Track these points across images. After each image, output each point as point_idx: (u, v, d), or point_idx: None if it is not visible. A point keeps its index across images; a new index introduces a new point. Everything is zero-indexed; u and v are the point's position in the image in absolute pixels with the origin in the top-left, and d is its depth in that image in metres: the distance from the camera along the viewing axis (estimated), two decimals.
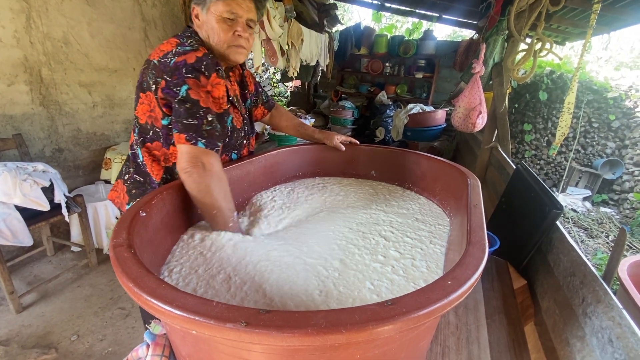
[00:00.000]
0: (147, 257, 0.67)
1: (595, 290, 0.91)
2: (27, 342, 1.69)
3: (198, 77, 0.83)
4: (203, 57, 0.84)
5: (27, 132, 2.15)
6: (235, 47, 0.95)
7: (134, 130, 1.00)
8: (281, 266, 0.77)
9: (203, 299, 0.44)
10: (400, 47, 5.00)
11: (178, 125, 0.84)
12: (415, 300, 0.45)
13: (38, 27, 2.13)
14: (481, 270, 0.54)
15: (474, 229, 0.71)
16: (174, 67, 0.83)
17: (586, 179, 4.10)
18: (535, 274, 1.32)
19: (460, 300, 0.48)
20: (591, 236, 3.23)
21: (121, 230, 0.63)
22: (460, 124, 2.37)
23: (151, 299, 0.44)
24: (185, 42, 0.89)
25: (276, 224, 1.03)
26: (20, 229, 1.81)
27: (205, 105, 0.84)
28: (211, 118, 0.85)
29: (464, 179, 1.06)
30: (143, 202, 0.75)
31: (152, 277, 0.48)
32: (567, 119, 1.66)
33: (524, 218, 1.50)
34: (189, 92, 0.83)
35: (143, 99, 0.93)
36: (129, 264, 0.52)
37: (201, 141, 0.83)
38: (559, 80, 4.06)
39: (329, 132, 1.41)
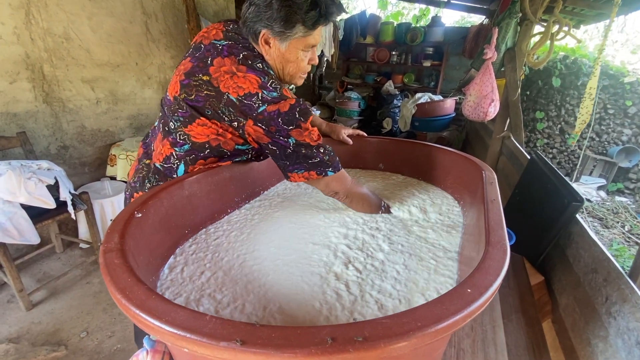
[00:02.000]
0: (143, 261, 0.65)
1: (620, 289, 0.86)
2: (37, 340, 1.70)
3: (299, 125, 0.86)
4: (296, 104, 0.86)
5: (32, 129, 2.14)
6: (304, 75, 1.00)
7: (177, 145, 0.93)
8: (284, 270, 0.74)
9: (196, 312, 0.41)
10: (407, 34, 4.87)
11: (304, 165, 0.90)
12: (432, 312, 0.41)
13: (38, 23, 2.10)
14: (503, 274, 0.50)
15: (493, 227, 0.66)
16: (268, 117, 0.84)
17: (601, 168, 3.97)
18: (553, 269, 1.28)
19: (482, 309, 0.44)
20: (606, 226, 3.13)
21: (113, 233, 0.59)
22: (471, 113, 2.29)
23: (139, 312, 0.41)
24: (267, 83, 0.84)
25: (276, 222, 0.99)
26: (27, 228, 1.81)
27: (314, 144, 0.90)
28: (323, 149, 0.91)
29: (478, 171, 1.01)
30: (139, 203, 0.72)
31: (142, 288, 0.45)
32: (588, 106, 1.57)
33: (540, 211, 1.44)
34: (298, 140, 0.87)
35: (205, 122, 0.89)
36: (118, 272, 0.48)
37: (329, 170, 0.93)
38: (573, 66, 3.91)
39: (336, 125, 1.38)
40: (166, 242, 0.79)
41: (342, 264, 0.77)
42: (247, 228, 0.93)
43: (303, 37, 0.87)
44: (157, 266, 0.73)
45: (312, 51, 0.94)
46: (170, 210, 0.81)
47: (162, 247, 0.77)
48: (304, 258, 0.79)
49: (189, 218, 0.88)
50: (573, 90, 3.88)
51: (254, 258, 0.78)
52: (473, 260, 0.64)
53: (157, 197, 0.76)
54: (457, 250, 0.86)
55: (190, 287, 0.69)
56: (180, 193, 0.86)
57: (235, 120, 0.87)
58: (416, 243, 0.89)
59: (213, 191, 0.96)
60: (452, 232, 0.94)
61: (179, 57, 3.00)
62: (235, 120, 0.87)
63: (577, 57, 3.95)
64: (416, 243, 0.89)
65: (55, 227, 2.22)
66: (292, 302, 0.64)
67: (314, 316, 0.61)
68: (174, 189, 0.83)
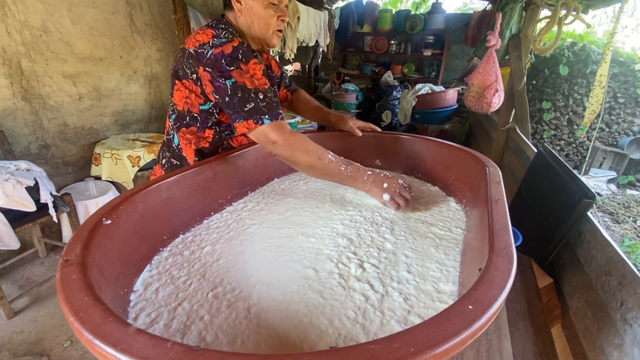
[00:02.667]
0: (113, 273, 0.59)
1: (637, 294, 0.80)
2: (19, 350, 1.63)
3: (239, 65, 0.89)
4: (239, 46, 0.90)
5: (10, 128, 2.04)
6: (278, 33, 1.02)
7: (170, 117, 1.06)
8: (270, 276, 0.68)
9: (157, 338, 0.36)
10: (406, 22, 4.70)
11: (241, 114, 0.90)
12: (427, 335, 0.36)
13: (14, 15, 1.98)
14: (509, 287, 0.45)
15: (498, 231, 0.59)
16: (214, 59, 0.89)
17: (611, 160, 3.83)
18: (562, 271, 1.21)
19: (486, 327, 0.40)
20: (617, 221, 3.01)
21: (76, 244, 0.53)
22: (474, 104, 2.16)
23: (92, 337, 0.36)
24: (220, 33, 0.93)
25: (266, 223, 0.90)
26: (5, 232, 1.72)
27: (252, 87, 0.89)
28: (262, 95, 0.90)
29: (482, 167, 0.93)
30: (108, 208, 0.65)
31: (99, 308, 0.40)
32: (598, 94, 1.45)
33: (548, 208, 1.37)
34: (235, 83, 0.89)
35: (179, 86, 0.98)
36: (74, 290, 0.43)
37: (265, 117, 0.89)
38: (581, 53, 3.74)
39: (343, 115, 1.32)
40: (142, 249, 0.72)
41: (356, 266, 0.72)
42: (236, 236, 0.84)
43: None
44: (131, 277, 0.67)
45: (280, 7, 0.99)
46: (146, 214, 0.75)
47: (137, 256, 0.70)
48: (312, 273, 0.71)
49: (167, 222, 0.82)
50: (581, 79, 3.72)
51: (264, 282, 0.68)
52: (475, 268, 0.58)
53: (130, 201, 0.70)
54: (460, 254, 0.77)
55: (167, 306, 0.60)
56: (158, 196, 0.79)
57: (195, 72, 0.93)
58: (416, 240, 0.81)
59: (195, 193, 0.90)
60: (453, 230, 0.87)
61: (166, 50, 2.87)
62: (195, 72, 0.93)
63: (586, 44, 3.77)
64: (416, 240, 0.81)
65: (38, 231, 2.13)
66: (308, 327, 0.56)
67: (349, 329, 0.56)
68: (151, 192, 0.77)
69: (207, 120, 1.02)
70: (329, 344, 0.53)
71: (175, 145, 1.07)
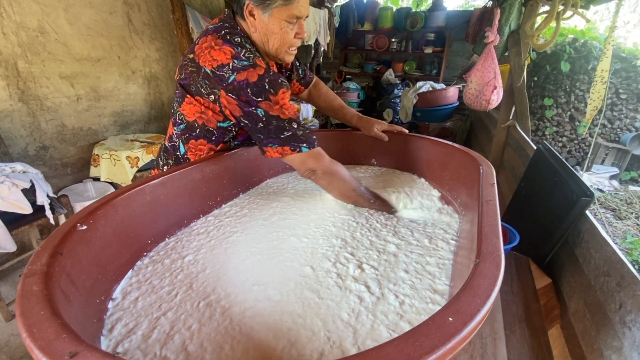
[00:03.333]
0: (88, 281, 0.57)
1: (636, 296, 0.79)
2: (16, 352, 1.63)
3: (267, 97, 0.85)
4: (265, 74, 0.84)
5: (7, 130, 2.03)
6: (293, 50, 0.96)
7: (176, 125, 1.02)
8: (266, 276, 0.68)
9: (110, 356, 0.35)
10: (407, 20, 4.66)
11: (276, 140, 0.89)
12: (401, 353, 0.34)
13: (10, 17, 1.97)
14: (495, 295, 0.43)
15: (487, 234, 0.57)
16: (237, 86, 0.84)
17: (613, 156, 3.79)
18: (561, 270, 1.19)
19: (468, 341, 0.37)
20: (619, 217, 2.97)
21: (43, 253, 0.51)
22: (472, 101, 2.14)
23: (41, 354, 0.35)
24: (240, 53, 0.86)
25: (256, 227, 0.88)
26: (1, 235, 1.72)
27: (286, 117, 0.88)
28: (296, 125, 0.89)
29: (475, 165, 0.92)
30: (84, 213, 0.63)
31: (53, 323, 0.38)
32: (600, 90, 1.42)
33: (547, 206, 1.35)
34: (267, 112, 0.86)
35: (191, 101, 0.94)
36: (32, 303, 0.41)
37: (303, 146, 0.90)
38: (582, 49, 3.69)
39: (369, 119, 1.27)
40: (123, 255, 0.70)
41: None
42: (223, 241, 0.82)
43: (284, 6, 0.85)
44: (110, 283, 0.65)
45: (298, 24, 0.91)
46: (128, 219, 0.72)
47: (118, 262, 0.68)
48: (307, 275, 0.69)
49: (151, 226, 0.79)
50: (583, 75, 3.67)
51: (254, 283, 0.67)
52: (464, 273, 0.58)
53: (109, 205, 0.68)
54: (452, 256, 0.76)
55: (148, 315, 0.59)
56: (141, 199, 0.77)
57: (212, 93, 0.90)
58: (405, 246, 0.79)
59: (182, 195, 0.88)
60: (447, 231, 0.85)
61: (165, 49, 2.86)
62: (212, 93, 0.90)
63: (587, 40, 3.72)
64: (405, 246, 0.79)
65: (37, 233, 2.12)
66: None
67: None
68: (133, 195, 0.74)
69: (224, 136, 1.01)
70: (317, 348, 0.52)
71: (180, 154, 1.04)
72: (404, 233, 0.86)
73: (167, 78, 2.95)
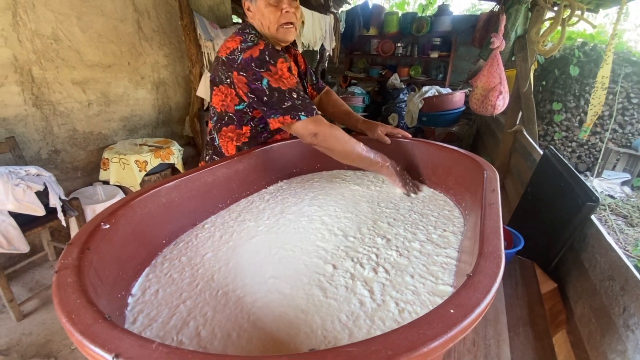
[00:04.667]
0: (110, 276, 0.60)
1: (639, 299, 0.79)
2: (27, 352, 1.66)
3: (268, 67, 0.97)
4: (264, 48, 0.99)
5: (21, 134, 2.09)
6: (285, 26, 1.04)
7: (211, 119, 1.18)
8: (287, 269, 0.71)
9: (143, 339, 0.38)
10: (412, 25, 4.68)
11: (279, 111, 0.98)
12: (406, 339, 0.36)
13: (26, 24, 2.04)
14: (494, 291, 0.45)
15: (488, 235, 0.59)
16: (244, 63, 0.98)
17: (625, 161, 3.72)
18: (567, 275, 1.20)
19: (468, 332, 0.40)
20: (631, 224, 2.91)
21: (73, 248, 0.55)
22: (478, 106, 2.13)
23: (82, 338, 0.38)
24: (246, 38, 1.02)
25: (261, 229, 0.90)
26: (16, 236, 1.76)
27: (286, 87, 0.98)
28: (296, 94, 0.99)
29: (480, 170, 0.93)
30: (106, 213, 0.66)
31: (90, 310, 0.42)
32: (600, 96, 1.42)
33: (553, 211, 1.35)
34: (269, 83, 0.97)
35: (217, 92, 1.09)
36: (68, 292, 0.45)
37: (301, 114, 0.98)
38: (592, 53, 3.65)
39: (373, 122, 1.32)
40: (140, 253, 0.74)
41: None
42: (236, 240, 0.84)
43: None
44: (129, 280, 0.68)
45: (282, 1, 1.02)
46: (145, 219, 0.76)
47: (136, 260, 0.72)
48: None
49: (166, 227, 0.83)
50: (593, 79, 3.62)
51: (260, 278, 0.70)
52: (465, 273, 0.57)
53: (129, 206, 0.72)
54: (456, 254, 0.77)
55: (168, 304, 0.62)
56: (157, 200, 0.81)
57: (228, 77, 1.03)
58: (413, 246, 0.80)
59: (194, 197, 0.91)
60: (450, 236, 0.86)
61: (173, 55, 2.92)
62: (228, 77, 1.03)
63: (597, 44, 3.68)
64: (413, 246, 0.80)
65: (48, 234, 2.18)
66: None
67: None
68: (149, 197, 0.78)
69: (242, 119, 1.12)
70: (312, 345, 0.53)
71: (217, 144, 1.20)
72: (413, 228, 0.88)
73: (174, 83, 3.00)
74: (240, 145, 1.18)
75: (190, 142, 3.12)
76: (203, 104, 2.96)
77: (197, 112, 2.97)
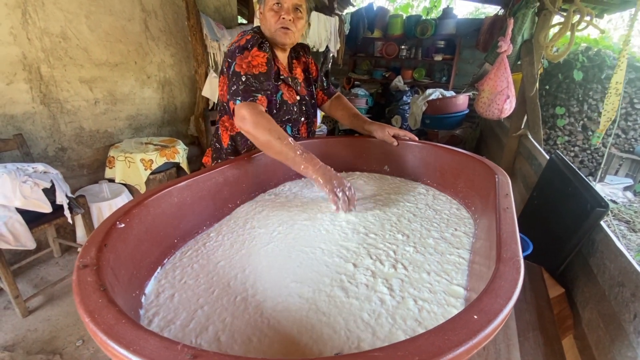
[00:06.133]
0: (126, 275, 0.60)
1: None
2: (32, 348, 1.66)
3: (242, 52, 1.03)
4: (251, 38, 1.06)
5: (29, 131, 2.10)
6: (281, 29, 1.09)
7: (219, 111, 1.24)
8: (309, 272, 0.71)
9: (168, 341, 0.37)
10: (417, 27, 4.69)
11: (229, 96, 1.04)
12: (432, 344, 0.36)
13: (35, 23, 2.05)
14: (516, 297, 0.45)
15: (505, 240, 0.59)
16: (231, 51, 1.07)
17: (627, 167, 3.73)
18: (575, 280, 1.19)
19: (491, 338, 0.39)
20: (633, 230, 2.92)
21: (91, 246, 0.54)
22: (484, 110, 2.14)
23: (106, 339, 0.38)
24: (247, 32, 1.11)
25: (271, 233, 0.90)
26: (23, 232, 1.77)
27: (242, 72, 1.01)
28: (245, 78, 1.01)
29: (491, 175, 0.93)
30: (121, 212, 0.67)
31: (112, 310, 0.42)
32: (614, 101, 1.43)
33: (560, 216, 1.35)
34: (234, 67, 1.03)
35: (220, 82, 1.16)
36: (89, 292, 0.45)
37: (237, 99, 1.00)
38: (596, 58, 3.66)
39: (381, 124, 1.31)
40: (153, 253, 0.74)
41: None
42: (246, 240, 0.85)
43: None
44: (143, 279, 0.68)
45: (282, 7, 1.08)
46: (158, 218, 0.76)
47: (148, 259, 0.72)
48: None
49: (178, 226, 0.83)
50: (596, 84, 3.64)
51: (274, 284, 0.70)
52: (483, 278, 0.59)
53: (143, 205, 0.72)
54: (468, 255, 0.77)
55: (185, 309, 0.62)
56: (169, 200, 0.81)
57: (226, 68, 1.10)
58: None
59: (205, 197, 0.91)
60: (461, 239, 0.86)
61: (179, 55, 2.93)
62: (226, 68, 1.10)
63: (601, 49, 3.69)
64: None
65: (53, 231, 2.18)
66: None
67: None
68: (162, 196, 0.78)
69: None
70: (337, 346, 0.53)
71: (218, 133, 1.26)
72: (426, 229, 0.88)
73: (180, 83, 3.01)
74: (233, 135, 1.22)
75: (194, 142, 3.13)
76: (208, 103, 2.97)
77: (202, 112, 2.98)
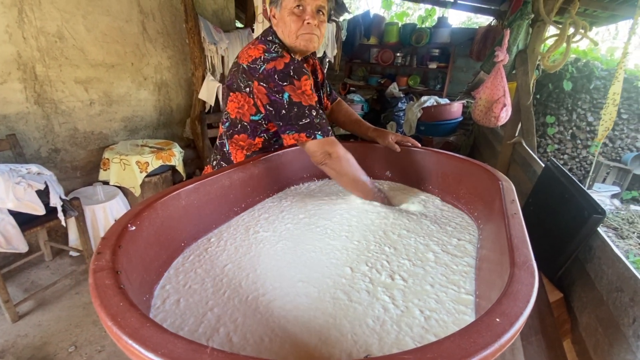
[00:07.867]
0: (137, 278, 0.59)
1: None
2: (23, 354, 1.62)
3: (292, 82, 0.96)
4: (290, 62, 0.97)
5: (22, 132, 2.06)
6: (305, 35, 1.01)
7: (223, 124, 1.15)
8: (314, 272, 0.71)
9: (195, 344, 0.37)
10: (412, 35, 4.76)
11: (294, 127, 0.97)
12: (459, 347, 0.36)
13: (31, 22, 2.02)
14: (534, 300, 0.46)
15: (517, 245, 0.59)
16: (266, 74, 0.96)
17: (614, 175, 3.83)
18: (572, 286, 1.21)
19: (513, 340, 0.40)
20: (621, 237, 2.99)
21: (105, 249, 0.54)
22: (481, 117, 2.18)
23: (132, 342, 0.37)
24: (270, 47, 0.99)
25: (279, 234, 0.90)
26: (15, 235, 1.73)
27: (307, 104, 0.97)
28: (315, 112, 0.98)
29: (495, 181, 0.93)
30: (132, 214, 0.66)
31: (135, 314, 0.41)
32: (612, 112, 1.48)
33: (556, 223, 1.36)
34: (290, 97, 0.96)
35: (233, 98, 1.06)
36: (109, 295, 0.44)
37: (318, 134, 0.97)
38: (584, 69, 3.78)
39: (383, 130, 1.32)
40: (161, 256, 0.73)
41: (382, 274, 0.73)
42: (252, 244, 0.85)
43: None
44: (152, 283, 0.67)
45: (304, 10, 0.99)
46: (166, 221, 0.76)
47: (157, 262, 0.71)
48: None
49: (185, 229, 0.83)
50: (585, 94, 3.75)
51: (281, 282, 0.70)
52: (493, 283, 0.59)
53: (152, 208, 0.71)
54: (474, 259, 0.78)
55: (194, 312, 0.61)
56: (177, 203, 0.80)
57: (247, 86, 1.01)
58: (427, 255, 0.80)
59: (212, 200, 0.91)
60: (466, 247, 0.87)
61: (176, 57, 2.92)
62: (247, 86, 1.01)
63: (589, 60, 3.81)
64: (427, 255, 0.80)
65: (45, 234, 2.13)
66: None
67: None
68: (170, 199, 0.78)
69: (256, 130, 1.10)
70: (345, 349, 0.53)
71: (226, 150, 1.17)
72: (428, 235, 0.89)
73: (177, 85, 3.00)
74: (249, 155, 1.16)
75: (190, 145, 3.11)
76: (204, 106, 2.96)
77: (198, 115, 2.96)
